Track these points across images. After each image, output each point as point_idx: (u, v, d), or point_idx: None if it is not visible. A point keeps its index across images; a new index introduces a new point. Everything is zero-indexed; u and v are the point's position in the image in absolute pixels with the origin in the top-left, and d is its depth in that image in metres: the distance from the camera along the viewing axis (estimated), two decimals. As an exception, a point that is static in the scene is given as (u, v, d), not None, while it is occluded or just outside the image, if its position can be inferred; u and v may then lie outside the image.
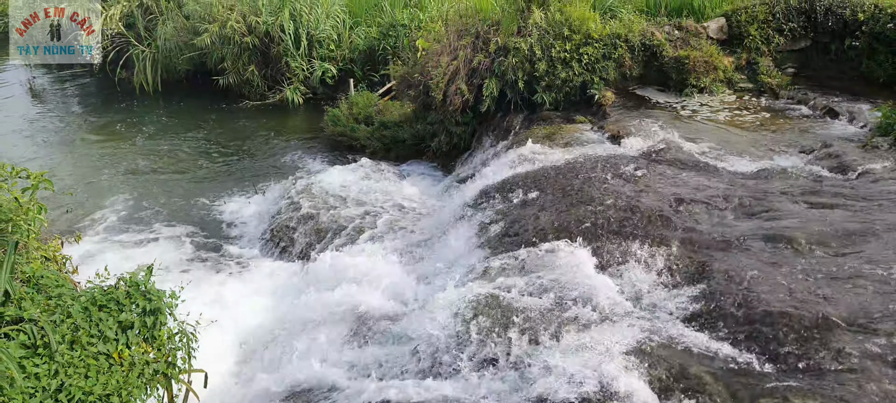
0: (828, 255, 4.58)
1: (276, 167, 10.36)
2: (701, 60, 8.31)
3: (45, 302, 4.21)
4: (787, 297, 4.05)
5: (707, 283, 4.41)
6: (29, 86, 16.30)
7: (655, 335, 3.94)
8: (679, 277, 4.59)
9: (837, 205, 5.34)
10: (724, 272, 4.44)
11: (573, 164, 6.51)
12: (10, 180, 5.17)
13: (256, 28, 13.10)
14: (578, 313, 4.26)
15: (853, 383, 3.33)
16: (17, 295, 4.02)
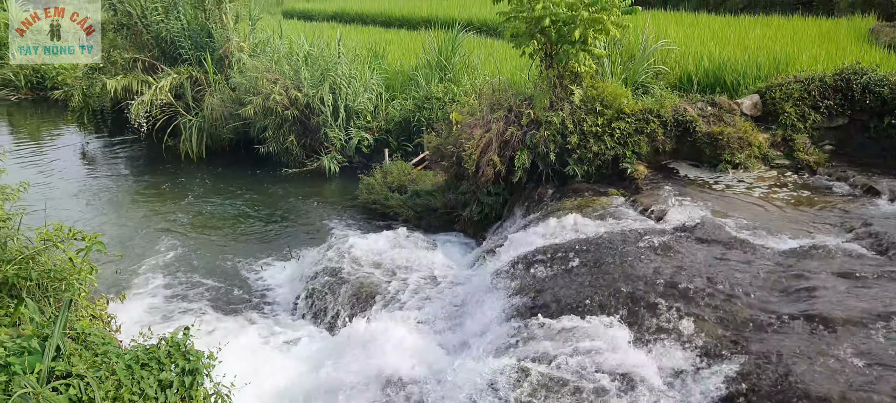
0: (868, 337, 4.53)
1: (311, 232, 10.63)
2: (735, 136, 8.39)
3: (91, 359, 4.40)
4: (825, 379, 4.02)
5: (743, 363, 4.39)
6: (82, 151, 17.09)
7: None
8: (714, 356, 4.58)
9: (878, 286, 5.29)
10: (761, 352, 4.42)
11: (606, 237, 6.58)
12: (67, 241, 5.48)
13: (298, 101, 13.64)
14: (609, 388, 4.28)
15: None
16: (67, 351, 4.22)
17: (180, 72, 15.98)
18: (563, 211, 7.70)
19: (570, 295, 5.74)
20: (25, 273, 5.19)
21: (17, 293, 5.16)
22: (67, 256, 5.58)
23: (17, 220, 5.97)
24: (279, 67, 14.36)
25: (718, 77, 10.03)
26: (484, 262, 7.79)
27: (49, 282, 5.30)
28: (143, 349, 4.70)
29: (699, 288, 5.30)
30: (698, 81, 10.14)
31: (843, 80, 8.77)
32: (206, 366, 4.76)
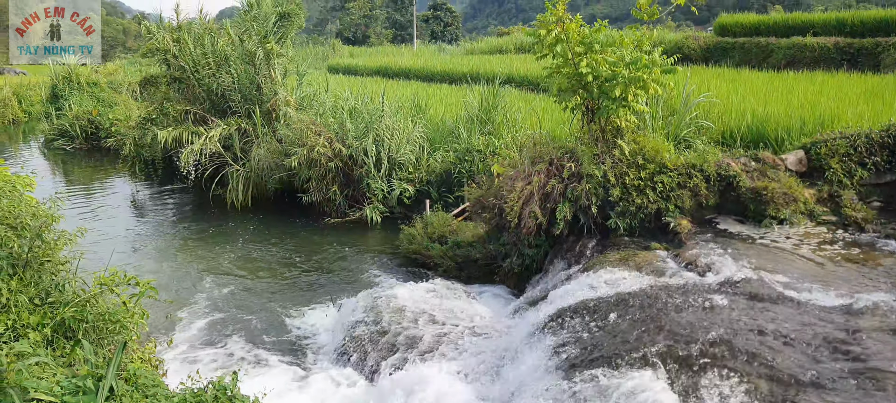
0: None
1: (352, 281, 10.75)
2: (780, 192, 8.29)
3: (141, 400, 4.51)
4: None
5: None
6: (133, 198, 17.70)
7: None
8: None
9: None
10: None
11: (648, 291, 6.53)
12: (121, 286, 5.68)
13: (341, 152, 13.96)
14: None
15: None
16: (119, 392, 4.34)
17: (229, 123, 16.53)
18: (606, 264, 7.67)
19: (610, 349, 5.68)
20: (82, 315, 5.39)
21: (73, 334, 5.35)
22: (122, 301, 5.78)
23: (74, 264, 6.22)
24: (324, 120, 14.76)
25: (762, 133, 9.98)
26: (524, 314, 7.77)
27: (103, 325, 5.48)
28: (191, 392, 4.81)
29: (744, 345, 5.20)
30: (741, 137, 10.10)
31: (891, 137, 8.64)
32: (252, 410, 4.83)
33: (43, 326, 5.24)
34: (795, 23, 25.41)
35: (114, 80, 32.72)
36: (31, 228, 5.84)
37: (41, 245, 5.63)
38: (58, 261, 5.89)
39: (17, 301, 5.26)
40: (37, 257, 5.59)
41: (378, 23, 76.02)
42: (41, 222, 5.77)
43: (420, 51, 50.54)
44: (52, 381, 4.21)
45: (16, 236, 5.73)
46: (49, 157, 24.88)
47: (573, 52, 8.56)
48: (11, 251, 5.50)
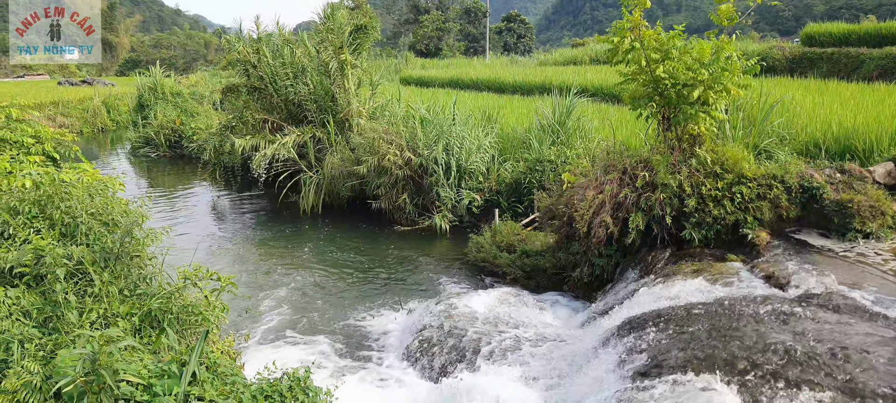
0: None
1: (420, 287, 10.86)
2: (866, 204, 7.89)
3: (221, 387, 4.71)
4: None
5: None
6: (213, 203, 18.45)
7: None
8: (840, 427, 4.28)
9: None
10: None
11: (723, 303, 6.33)
12: (204, 280, 5.95)
13: (411, 161, 14.15)
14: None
15: None
16: (201, 378, 4.54)
17: (304, 131, 17.04)
18: (679, 274, 7.48)
19: (681, 359, 5.53)
20: (167, 307, 5.68)
21: (159, 324, 5.64)
22: (204, 294, 6.06)
23: (160, 260, 6.55)
24: (396, 129, 15.01)
25: (848, 144, 9.54)
26: (593, 323, 7.66)
27: (187, 317, 5.76)
28: (267, 382, 4.98)
29: (823, 359, 4.97)
30: (826, 148, 9.69)
31: None
32: (324, 402, 4.96)
33: (132, 315, 5.54)
34: (889, 32, 24.05)
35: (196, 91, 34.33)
36: (122, 225, 6.20)
37: (131, 241, 5.96)
38: (145, 256, 6.23)
39: (109, 291, 5.59)
40: (127, 252, 5.92)
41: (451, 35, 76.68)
42: (132, 220, 6.11)
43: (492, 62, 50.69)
44: (139, 365, 4.45)
45: (108, 232, 6.10)
46: (135, 163, 26.23)
47: (649, 58, 8.41)
48: (104, 245, 5.84)
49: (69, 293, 5.33)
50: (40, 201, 6.23)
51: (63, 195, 6.28)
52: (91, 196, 6.72)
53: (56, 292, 5.25)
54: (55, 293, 5.25)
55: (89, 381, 4.07)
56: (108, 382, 4.04)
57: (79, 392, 4.14)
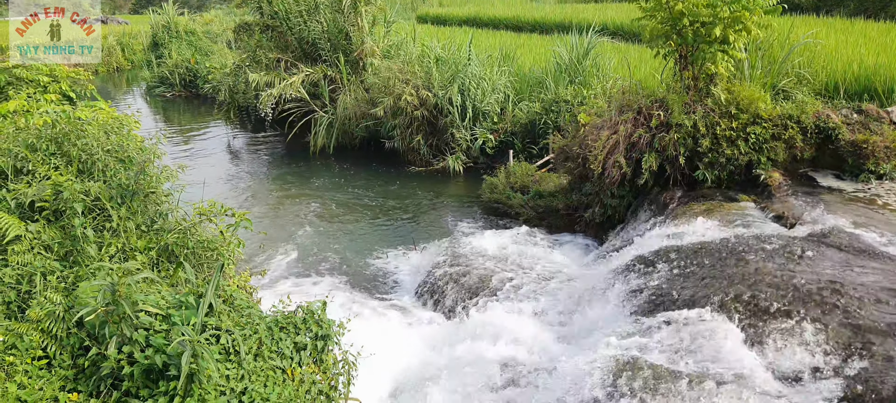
0: None
1: (434, 227, 10.96)
2: (881, 145, 7.79)
3: (237, 318, 4.85)
4: None
5: (864, 367, 4.17)
6: (228, 143, 18.57)
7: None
8: (834, 359, 4.37)
9: None
10: (886, 356, 4.16)
11: (732, 241, 6.35)
12: (219, 216, 6.06)
13: (427, 101, 14.08)
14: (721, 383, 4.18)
15: None
16: (217, 309, 4.68)
17: (315, 70, 16.94)
18: (690, 214, 7.49)
19: (687, 294, 5.62)
20: (183, 241, 5.81)
21: (176, 258, 5.78)
22: (219, 230, 6.18)
23: (176, 196, 6.66)
24: (411, 68, 14.88)
25: (869, 84, 9.35)
26: (603, 261, 7.74)
27: (202, 251, 5.89)
28: (282, 314, 5.13)
29: (825, 294, 5.01)
30: (846, 88, 9.50)
31: None
32: (337, 333, 5.11)
33: (149, 250, 5.69)
34: (920, -32, 23.16)
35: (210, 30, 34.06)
36: (137, 162, 6.29)
37: (146, 177, 6.06)
38: (161, 193, 6.33)
39: (126, 226, 5.72)
40: (142, 188, 6.02)
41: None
42: (145, 156, 6.20)
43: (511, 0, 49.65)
44: (158, 296, 4.59)
45: (124, 169, 6.20)
46: (150, 104, 26.32)
47: (667, -6, 8.22)
48: (120, 182, 5.95)
49: (87, 227, 5.46)
50: (57, 138, 6.32)
51: (79, 132, 6.36)
52: (107, 133, 6.80)
53: (75, 227, 5.38)
54: (74, 228, 5.38)
55: (110, 311, 4.22)
56: (128, 312, 4.18)
57: (100, 321, 4.29)
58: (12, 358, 4.26)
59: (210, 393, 4.11)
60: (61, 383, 4.30)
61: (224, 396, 4.23)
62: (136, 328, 4.26)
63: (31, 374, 4.24)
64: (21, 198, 5.59)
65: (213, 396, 4.13)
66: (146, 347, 4.19)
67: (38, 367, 4.31)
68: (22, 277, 4.96)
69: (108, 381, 4.28)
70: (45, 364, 4.38)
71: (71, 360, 4.46)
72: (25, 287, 4.91)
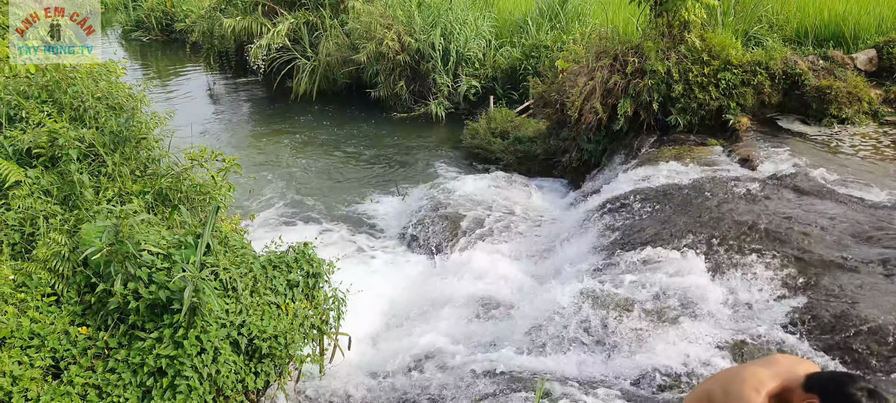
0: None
1: (416, 172, 11.24)
2: (844, 91, 8.16)
3: (232, 258, 5.15)
4: (883, 315, 4.18)
5: (810, 296, 4.59)
6: (208, 90, 18.53)
7: (751, 334, 4.22)
8: (785, 290, 4.80)
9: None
10: (829, 288, 4.61)
11: (698, 182, 6.74)
12: (210, 161, 6.30)
13: (409, 46, 14.17)
14: (681, 310, 4.60)
15: None
16: (214, 249, 4.98)
17: (297, 16, 16.87)
18: (661, 158, 7.85)
19: (654, 232, 6.02)
20: (177, 186, 6.05)
21: (170, 202, 6.03)
22: (210, 174, 6.42)
23: (167, 142, 6.87)
24: (392, 12, 14.89)
25: (837, 30, 9.66)
26: (579, 204, 8.11)
27: (195, 195, 6.15)
28: (274, 254, 5.43)
29: (780, 231, 5.44)
30: (815, 35, 9.81)
31: (970, 36, 8.30)
32: (327, 271, 5.44)
33: (144, 194, 5.93)
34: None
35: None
36: (126, 109, 6.48)
37: (137, 124, 6.26)
38: (152, 139, 6.54)
39: (121, 171, 5.95)
40: (134, 135, 6.23)
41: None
42: (135, 103, 6.39)
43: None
44: (158, 236, 4.87)
45: (115, 116, 6.38)
46: (127, 49, 25.90)
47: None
48: (112, 128, 6.15)
49: (83, 173, 5.68)
50: (48, 86, 6.47)
51: (69, 80, 6.51)
52: (95, 80, 6.95)
53: (71, 172, 5.60)
54: (71, 173, 5.60)
55: (114, 251, 4.50)
56: (132, 251, 4.46)
57: (105, 260, 4.57)
58: (23, 295, 4.54)
59: (212, 325, 4.44)
60: (70, 318, 4.60)
61: (224, 328, 4.57)
62: (140, 266, 4.55)
63: (41, 309, 4.53)
64: (18, 145, 5.78)
65: (215, 328, 4.46)
66: (149, 283, 4.49)
67: (48, 303, 4.60)
68: (24, 220, 5.20)
69: (114, 316, 4.59)
70: (54, 300, 4.67)
71: (78, 297, 4.75)
72: (29, 229, 5.16)
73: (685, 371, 3.92)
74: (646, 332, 4.44)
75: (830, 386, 2.28)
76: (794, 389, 2.34)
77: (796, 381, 2.36)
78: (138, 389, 4.39)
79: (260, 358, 4.90)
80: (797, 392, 2.32)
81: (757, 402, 2.37)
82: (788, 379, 2.38)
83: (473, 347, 5.23)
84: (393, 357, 5.61)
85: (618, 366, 4.22)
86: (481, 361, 4.81)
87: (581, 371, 4.27)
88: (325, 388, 5.58)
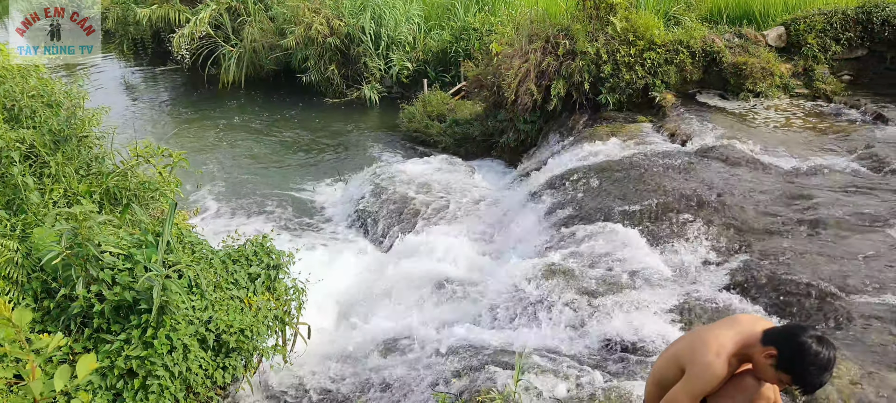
0: (851, 238, 5.20)
1: (357, 158, 11.30)
2: (758, 66, 8.81)
3: (191, 255, 5.16)
4: (809, 270, 4.69)
5: (745, 260, 5.07)
6: (123, 81, 17.76)
7: (695, 298, 4.65)
8: (721, 255, 5.26)
9: (869, 198, 5.91)
10: (762, 251, 5.09)
11: (632, 158, 7.18)
12: (156, 157, 6.22)
13: (339, 30, 14.11)
14: (629, 280, 4.98)
15: (856, 336, 3.99)
16: (174, 247, 4.97)
17: (219, 2, 16.44)
18: (595, 136, 8.26)
19: (596, 208, 6.41)
20: (124, 184, 5.96)
21: (118, 201, 5.94)
22: (158, 171, 6.34)
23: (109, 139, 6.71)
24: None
25: (747, 9, 10.33)
26: (520, 183, 8.43)
27: (144, 192, 6.06)
28: (233, 248, 5.47)
29: (713, 201, 5.94)
30: (728, 13, 10.45)
31: (865, 13, 9.10)
32: (287, 263, 5.52)
33: (91, 194, 5.81)
34: None
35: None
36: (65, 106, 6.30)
37: (77, 121, 6.10)
38: (94, 136, 6.39)
39: (65, 172, 5.80)
40: (75, 132, 6.07)
41: None
42: (74, 101, 6.22)
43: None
44: (116, 237, 4.83)
45: (53, 114, 6.19)
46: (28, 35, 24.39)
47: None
48: (51, 127, 5.98)
49: (26, 175, 5.52)
50: (-25, 86, 6.19)
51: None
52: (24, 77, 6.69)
53: (13, 175, 5.42)
54: (13, 176, 5.43)
55: (75, 254, 4.44)
56: (94, 253, 4.42)
57: (64, 263, 4.51)
58: (-22, 305, 4.42)
59: (180, 323, 4.48)
60: (30, 325, 4.52)
61: (192, 325, 4.60)
62: (102, 268, 4.51)
63: (-1, 318, 4.42)
64: (-49, 150, 5.54)
65: (184, 325, 4.50)
66: (113, 285, 4.47)
67: (4, 312, 4.50)
68: (-33, 228, 5.02)
69: (77, 320, 4.55)
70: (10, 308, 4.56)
71: (35, 303, 4.67)
72: (-27, 237, 4.99)
73: (639, 336, 4.29)
74: (600, 302, 4.78)
75: (785, 337, 2.66)
76: (753, 344, 2.70)
77: (755, 337, 2.72)
78: (108, 392, 4.39)
79: (227, 353, 4.95)
80: (757, 348, 2.68)
81: (717, 364, 2.72)
82: (748, 337, 2.74)
83: (435, 327, 5.45)
84: (355, 343, 5.76)
85: (577, 335, 4.54)
86: (445, 340, 5.04)
87: (543, 343, 4.57)
88: (289, 377, 5.68)
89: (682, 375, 2.80)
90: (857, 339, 4.06)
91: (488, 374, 4.12)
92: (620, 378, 3.97)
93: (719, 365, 2.70)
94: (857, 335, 4.10)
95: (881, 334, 4.04)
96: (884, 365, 3.82)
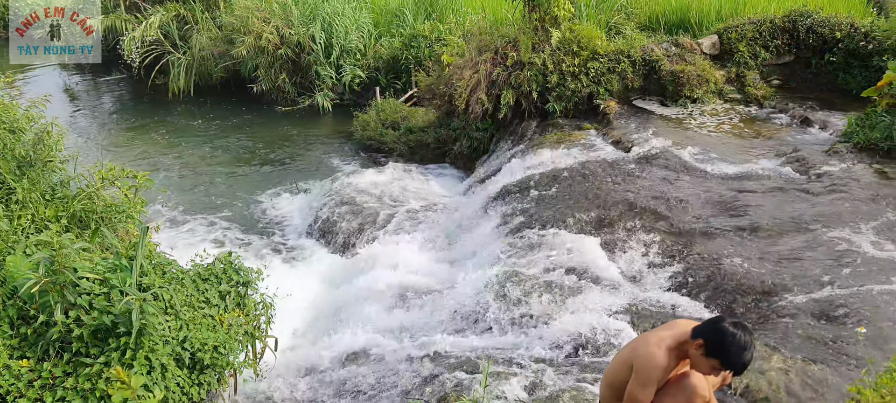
0: (780, 239, 5.74)
1: (312, 167, 11.45)
2: (694, 74, 9.41)
3: (161, 276, 5.34)
4: (745, 271, 5.19)
5: (686, 262, 5.55)
6: (66, 89, 17.32)
7: (643, 299, 5.08)
8: (665, 258, 5.74)
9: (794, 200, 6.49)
10: (700, 253, 5.59)
11: (580, 166, 7.63)
12: (121, 179, 6.33)
13: (289, 39, 14.21)
14: (581, 284, 5.40)
15: (783, 329, 4.49)
16: (147, 269, 5.15)
17: (168, 8, 16.30)
18: (544, 144, 8.70)
19: (549, 215, 6.83)
20: (91, 208, 6.06)
21: (86, 225, 6.04)
22: (123, 193, 6.45)
23: (72, 163, 6.77)
24: (268, 6, 14.82)
25: (684, 17, 10.95)
26: (475, 190, 8.80)
27: (111, 215, 6.18)
28: (202, 267, 5.66)
29: (654, 207, 6.44)
30: (665, 22, 11.05)
31: (791, 22, 9.81)
32: (256, 280, 5.74)
33: (58, 218, 5.90)
34: None
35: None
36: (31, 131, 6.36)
37: (43, 147, 6.17)
38: (58, 160, 6.45)
39: (32, 198, 5.89)
40: (40, 158, 6.15)
41: None
42: (42, 126, 6.29)
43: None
44: (90, 263, 4.97)
45: (17, 139, 6.25)
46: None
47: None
48: (15, 153, 6.04)
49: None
50: (-69, 112, 6.19)
51: (-44, 104, 6.27)
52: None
53: (-22, 203, 5.49)
54: (-23, 204, 5.49)
55: (52, 281, 4.58)
56: (72, 279, 4.57)
57: (40, 291, 4.64)
58: (-44, 335, 4.52)
59: (158, 344, 4.67)
60: (8, 352, 4.64)
61: (168, 345, 4.80)
62: (80, 293, 4.66)
63: (-23, 348, 4.53)
64: (-86, 180, 5.56)
65: (161, 346, 4.69)
66: (91, 310, 4.63)
67: (-18, 341, 4.60)
68: (-63, 258, 5.08)
69: (55, 345, 4.69)
70: (-13, 337, 4.67)
71: (11, 330, 4.78)
72: (-57, 267, 5.05)
73: (592, 336, 4.70)
74: (555, 305, 5.18)
75: (708, 327, 3.12)
76: (686, 340, 3.15)
77: (686, 334, 3.16)
78: (90, 413, 4.54)
79: (202, 369, 5.15)
80: (689, 343, 3.12)
81: (657, 353, 3.16)
82: (682, 335, 3.18)
83: (401, 334, 5.76)
84: (323, 354, 6.00)
85: (536, 337, 4.93)
86: (411, 347, 5.35)
87: (504, 347, 4.93)
88: (260, 390, 5.90)
89: (632, 373, 3.22)
90: (786, 333, 4.56)
91: (456, 380, 4.46)
92: (578, 377, 4.37)
93: (660, 355, 3.13)
94: (786, 329, 4.60)
95: (806, 329, 4.55)
96: (809, 358, 4.32)
